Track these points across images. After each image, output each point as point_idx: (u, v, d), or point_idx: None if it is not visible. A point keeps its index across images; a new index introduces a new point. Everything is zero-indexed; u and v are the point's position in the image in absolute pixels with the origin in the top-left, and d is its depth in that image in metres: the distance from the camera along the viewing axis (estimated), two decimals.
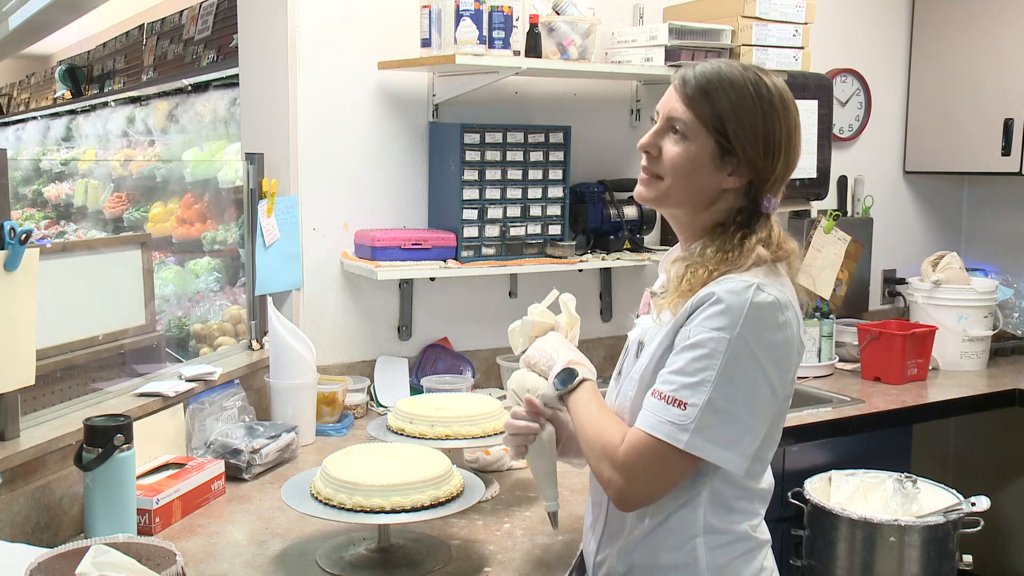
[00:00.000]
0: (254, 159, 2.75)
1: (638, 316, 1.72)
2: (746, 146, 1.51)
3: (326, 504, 1.75)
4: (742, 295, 1.45)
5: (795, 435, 2.79)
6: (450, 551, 1.88)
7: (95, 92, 6.34)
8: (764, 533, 1.63)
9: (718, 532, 1.55)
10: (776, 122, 1.52)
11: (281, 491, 1.85)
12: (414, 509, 1.73)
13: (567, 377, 1.62)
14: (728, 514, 1.56)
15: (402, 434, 2.11)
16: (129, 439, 1.84)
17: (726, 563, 1.56)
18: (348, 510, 1.73)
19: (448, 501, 1.77)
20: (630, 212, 3.08)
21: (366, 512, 1.72)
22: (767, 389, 1.48)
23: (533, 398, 1.68)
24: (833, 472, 2.69)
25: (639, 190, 1.61)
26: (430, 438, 2.07)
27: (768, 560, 1.63)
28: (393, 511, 1.72)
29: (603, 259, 3.00)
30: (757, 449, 1.52)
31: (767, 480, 1.61)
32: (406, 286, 2.97)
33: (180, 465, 2.12)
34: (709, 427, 1.44)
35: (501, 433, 2.11)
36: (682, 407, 1.45)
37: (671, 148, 1.54)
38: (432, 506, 1.75)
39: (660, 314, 1.55)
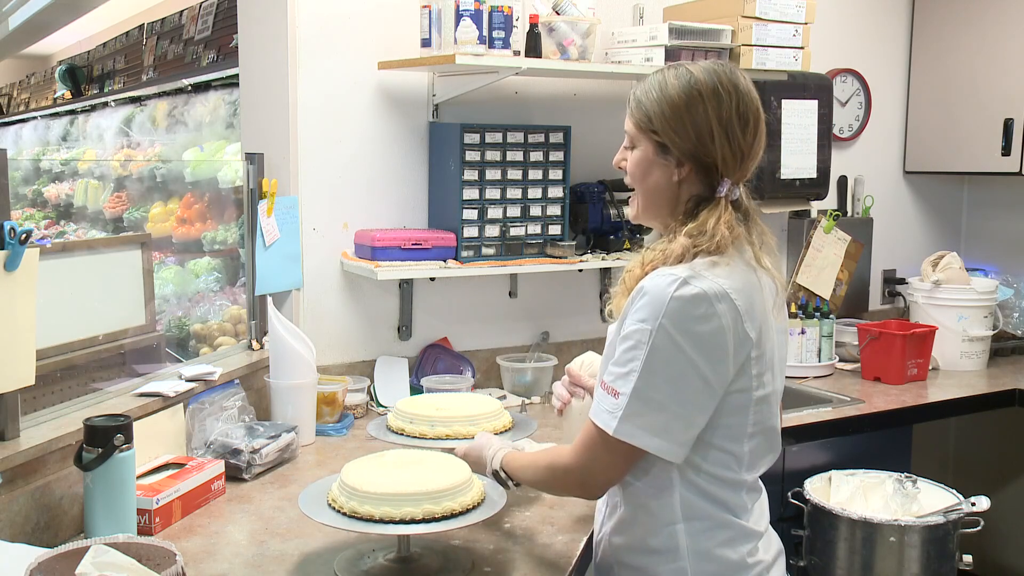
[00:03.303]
0: (254, 159, 2.75)
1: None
2: (673, 136, 1.61)
3: (351, 517, 1.70)
4: (665, 289, 1.52)
5: (795, 435, 2.79)
6: (471, 560, 1.85)
7: (95, 92, 6.34)
8: (757, 524, 1.67)
9: (698, 519, 1.61)
10: (700, 109, 1.59)
11: (299, 503, 1.78)
12: (444, 518, 1.70)
13: (496, 475, 1.82)
14: (707, 502, 1.61)
15: (402, 434, 2.10)
16: (129, 439, 1.84)
17: (708, 549, 1.61)
18: (368, 520, 1.69)
19: (472, 508, 1.75)
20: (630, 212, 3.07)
21: (393, 523, 1.68)
22: (697, 379, 1.53)
23: (574, 368, 1.95)
24: (833, 472, 2.69)
25: (628, 212, 1.76)
26: (430, 438, 2.06)
27: (763, 553, 1.65)
28: (424, 520, 1.69)
29: (603, 259, 3.00)
30: (713, 439, 1.57)
31: (753, 473, 1.65)
32: (406, 286, 2.97)
33: (180, 465, 2.12)
34: (637, 415, 1.53)
35: (502, 432, 2.12)
36: (616, 396, 1.54)
37: (628, 159, 1.69)
38: (460, 514, 1.72)
39: (611, 311, 1.66)
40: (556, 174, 2.93)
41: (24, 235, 1.79)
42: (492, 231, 2.85)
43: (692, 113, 1.59)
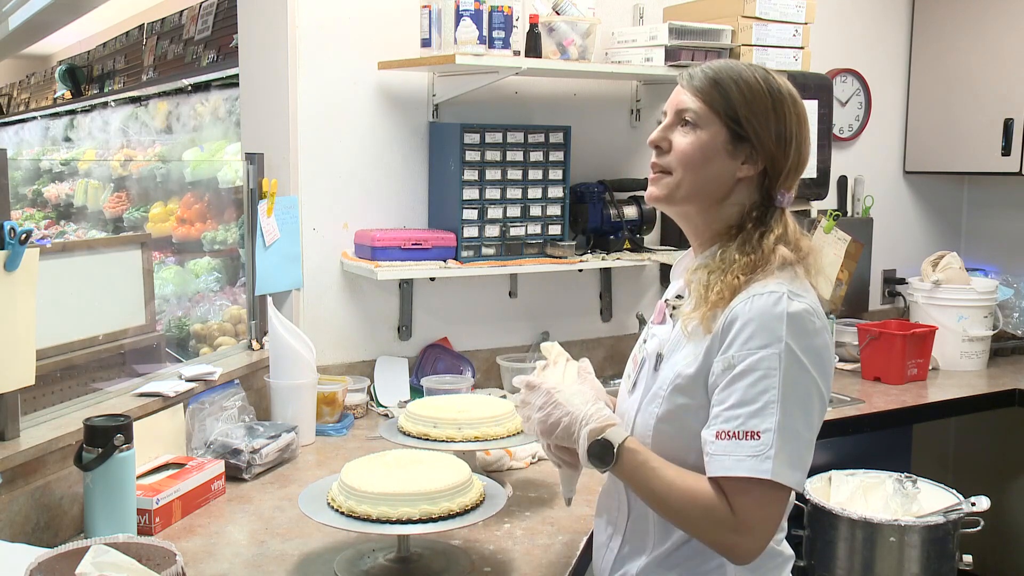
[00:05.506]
0: (254, 159, 2.75)
1: (651, 324, 1.66)
2: (759, 131, 1.49)
3: (349, 516, 1.70)
4: (776, 307, 1.41)
5: None
6: (471, 560, 1.84)
7: (95, 92, 6.34)
8: (788, 549, 1.61)
9: None
10: (786, 111, 1.51)
11: (299, 503, 1.78)
12: (441, 518, 1.70)
13: (602, 452, 1.47)
14: None
15: (426, 439, 2.07)
16: (129, 439, 1.84)
17: None
18: (367, 520, 1.69)
19: (471, 509, 1.74)
20: (630, 212, 3.08)
21: (392, 523, 1.67)
22: (818, 399, 1.44)
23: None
24: (833, 472, 2.69)
25: (650, 190, 1.56)
26: (459, 440, 2.04)
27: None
28: (423, 520, 1.68)
29: (603, 259, 3.00)
30: None
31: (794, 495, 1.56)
32: (406, 286, 2.97)
33: (180, 465, 2.12)
34: (783, 449, 1.39)
35: (516, 435, 2.09)
36: (756, 437, 1.39)
37: (681, 140, 1.52)
38: (458, 514, 1.71)
39: (688, 326, 1.49)
40: (556, 174, 2.93)
41: (24, 235, 1.79)
42: (492, 231, 2.85)
43: (777, 113, 1.50)
